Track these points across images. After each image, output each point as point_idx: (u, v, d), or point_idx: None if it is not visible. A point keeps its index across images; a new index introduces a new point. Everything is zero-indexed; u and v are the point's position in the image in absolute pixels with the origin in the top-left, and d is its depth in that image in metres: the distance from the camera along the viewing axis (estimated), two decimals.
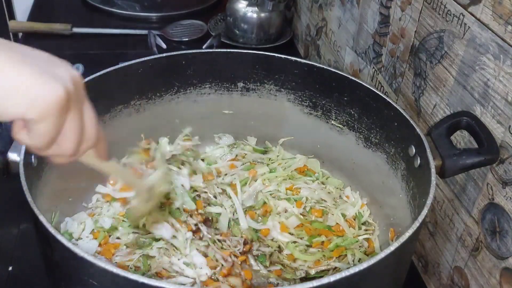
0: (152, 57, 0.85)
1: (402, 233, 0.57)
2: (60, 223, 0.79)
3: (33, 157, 0.66)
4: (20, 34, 1.53)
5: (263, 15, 1.37)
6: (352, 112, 0.85)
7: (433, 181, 0.63)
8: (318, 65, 0.86)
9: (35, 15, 1.55)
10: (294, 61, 0.87)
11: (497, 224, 0.66)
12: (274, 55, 0.88)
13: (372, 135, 0.83)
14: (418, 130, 0.70)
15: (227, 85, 0.92)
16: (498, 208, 0.66)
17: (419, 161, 0.70)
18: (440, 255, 0.80)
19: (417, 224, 0.58)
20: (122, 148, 0.92)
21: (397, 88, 0.90)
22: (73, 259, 0.51)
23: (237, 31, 1.39)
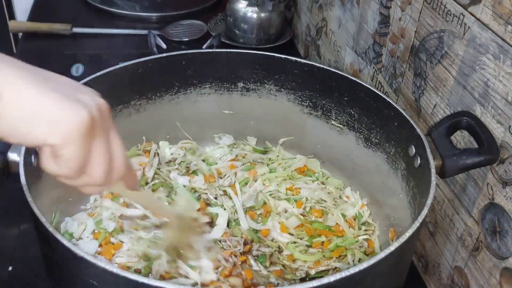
0: (152, 57, 0.85)
1: (402, 233, 0.57)
2: (60, 223, 0.79)
3: (33, 157, 0.66)
4: (20, 34, 1.53)
5: (263, 15, 1.37)
6: (352, 112, 0.85)
7: (433, 181, 0.63)
8: (318, 65, 0.86)
9: (35, 15, 1.55)
10: (294, 61, 0.87)
11: (497, 224, 0.66)
12: (274, 55, 0.88)
13: (372, 135, 0.83)
14: (418, 130, 0.70)
15: (227, 85, 0.92)
16: (498, 208, 0.66)
17: (419, 161, 0.70)
18: (440, 255, 0.80)
19: (417, 224, 0.58)
20: None
21: (397, 88, 0.90)
22: (73, 259, 0.51)
23: (237, 31, 1.39)
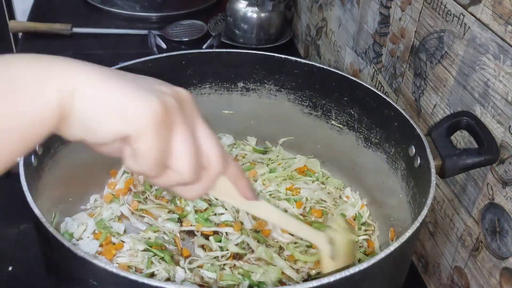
0: (152, 57, 0.85)
1: (402, 233, 0.57)
2: (60, 223, 0.79)
3: (33, 157, 0.66)
4: (20, 34, 1.53)
5: (263, 15, 1.36)
6: (352, 112, 0.85)
7: (433, 181, 0.63)
8: (318, 65, 0.86)
9: (35, 15, 1.55)
10: (294, 61, 0.87)
11: (497, 224, 0.66)
12: (274, 55, 0.88)
13: (372, 135, 0.83)
14: (418, 130, 0.70)
15: (227, 85, 0.92)
16: (498, 208, 0.66)
17: (419, 161, 0.70)
18: (440, 255, 0.80)
19: (417, 224, 0.58)
20: None
21: (397, 88, 0.90)
22: (73, 259, 0.51)
23: (237, 31, 1.39)
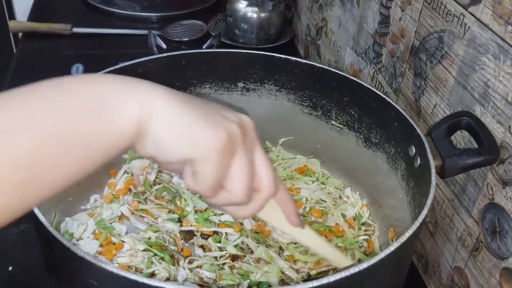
0: (152, 57, 0.85)
1: (402, 233, 0.57)
2: (60, 223, 0.79)
3: None
4: (20, 34, 1.53)
5: (263, 15, 1.37)
6: (352, 112, 0.85)
7: (433, 181, 0.63)
8: (318, 65, 0.86)
9: (35, 15, 1.55)
10: (294, 61, 0.87)
11: (497, 224, 0.66)
12: (274, 55, 0.88)
13: (372, 135, 0.83)
14: (418, 130, 0.70)
15: (227, 85, 0.92)
16: (498, 208, 0.66)
17: (419, 161, 0.70)
18: (440, 255, 0.80)
19: (417, 224, 0.58)
20: None
21: (397, 88, 0.90)
22: (73, 259, 0.51)
23: (237, 31, 1.39)
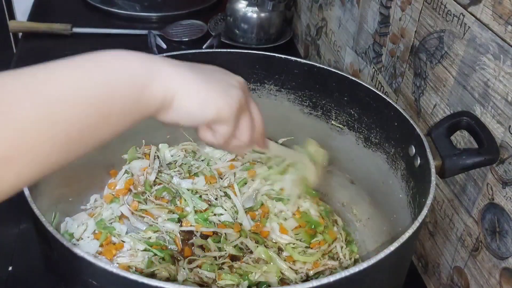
0: None
1: (402, 233, 0.57)
2: (60, 223, 0.79)
3: None
4: (20, 34, 1.53)
5: (263, 15, 1.37)
6: (352, 112, 0.85)
7: (433, 181, 0.63)
8: (318, 65, 0.86)
9: (35, 15, 1.55)
10: (294, 61, 0.87)
11: (497, 224, 0.66)
12: (274, 55, 0.88)
13: (372, 135, 0.83)
14: (418, 130, 0.70)
15: None
16: (498, 208, 0.66)
17: (419, 161, 0.70)
18: (440, 255, 0.80)
19: (417, 224, 0.58)
20: (122, 148, 0.92)
21: (397, 88, 0.90)
22: (73, 259, 0.51)
23: (237, 31, 1.39)
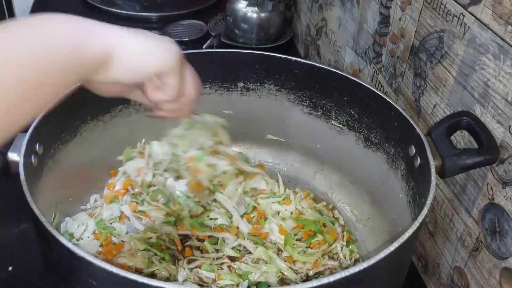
0: None
1: (402, 233, 0.57)
2: (60, 223, 0.79)
3: (33, 157, 0.66)
4: None
5: (263, 15, 1.36)
6: (352, 112, 0.85)
7: (433, 181, 0.63)
8: (318, 65, 0.86)
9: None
10: (294, 61, 0.87)
11: (497, 224, 0.66)
12: (274, 55, 0.88)
13: (372, 135, 0.83)
14: (418, 130, 0.70)
15: (227, 85, 0.92)
16: (498, 208, 0.66)
17: (419, 161, 0.70)
18: (440, 255, 0.80)
19: (417, 224, 0.58)
20: (122, 147, 0.92)
21: (397, 88, 0.90)
22: (73, 259, 0.51)
23: (237, 31, 1.39)
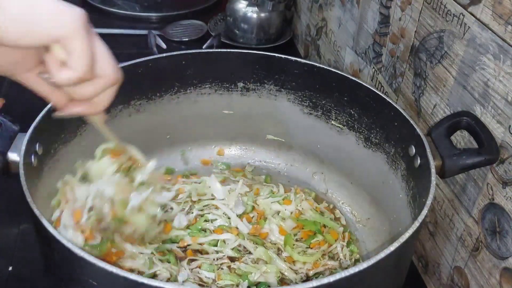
0: (152, 57, 0.85)
1: (402, 233, 0.57)
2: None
3: (33, 157, 0.66)
4: None
5: (263, 15, 1.37)
6: (352, 112, 0.85)
7: (433, 181, 0.63)
8: (318, 65, 0.86)
9: None
10: (294, 61, 0.87)
11: (497, 224, 0.66)
12: (274, 55, 0.88)
13: (372, 135, 0.83)
14: (418, 130, 0.70)
15: (227, 85, 0.92)
16: (498, 208, 0.66)
17: (419, 161, 0.70)
18: (440, 255, 0.80)
19: (417, 224, 0.58)
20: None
21: (397, 88, 0.90)
22: (73, 259, 0.51)
23: (237, 31, 1.39)
